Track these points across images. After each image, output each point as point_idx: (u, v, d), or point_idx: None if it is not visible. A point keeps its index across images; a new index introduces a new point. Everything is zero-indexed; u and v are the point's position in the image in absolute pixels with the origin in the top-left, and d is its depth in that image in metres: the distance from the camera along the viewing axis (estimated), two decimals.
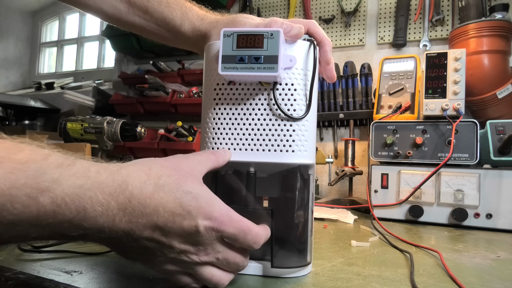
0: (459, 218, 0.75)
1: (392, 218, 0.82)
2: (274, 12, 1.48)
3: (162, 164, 0.33)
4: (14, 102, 1.79)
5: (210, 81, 0.42)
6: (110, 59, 2.17)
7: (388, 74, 1.01)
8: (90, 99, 1.67)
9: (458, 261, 0.50)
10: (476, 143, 0.78)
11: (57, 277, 0.37)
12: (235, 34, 0.38)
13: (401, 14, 1.26)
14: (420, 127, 0.84)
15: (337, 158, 1.32)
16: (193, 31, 0.52)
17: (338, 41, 1.37)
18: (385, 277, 0.41)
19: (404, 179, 0.81)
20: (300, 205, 0.39)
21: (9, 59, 2.37)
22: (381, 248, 0.56)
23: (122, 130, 1.06)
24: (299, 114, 0.39)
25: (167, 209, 0.30)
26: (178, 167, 0.33)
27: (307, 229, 0.40)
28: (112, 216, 0.29)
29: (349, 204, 1.00)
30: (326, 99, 1.30)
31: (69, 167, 0.27)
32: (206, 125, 0.42)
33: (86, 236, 0.29)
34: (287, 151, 0.39)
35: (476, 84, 1.02)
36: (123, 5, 0.54)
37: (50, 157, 0.27)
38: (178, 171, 0.33)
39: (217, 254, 0.33)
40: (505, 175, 0.74)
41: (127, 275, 0.39)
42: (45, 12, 2.46)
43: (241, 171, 0.39)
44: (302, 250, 0.40)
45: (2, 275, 0.38)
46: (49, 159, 0.27)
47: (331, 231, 0.68)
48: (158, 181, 0.31)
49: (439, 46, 1.23)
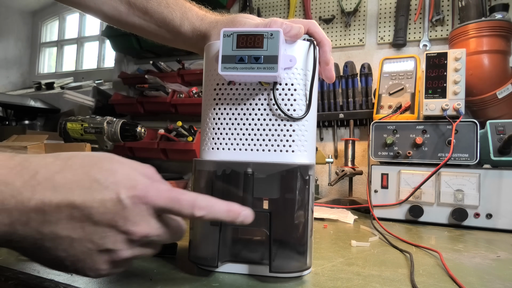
0: (459, 218, 0.75)
1: (392, 218, 0.82)
2: (274, 12, 1.48)
3: (76, 152, 0.30)
4: (14, 102, 1.79)
5: (210, 81, 0.42)
6: (110, 59, 2.17)
7: (388, 74, 1.01)
8: (90, 99, 1.67)
9: (458, 261, 0.50)
10: (476, 143, 0.78)
11: (57, 277, 0.37)
12: (235, 34, 0.38)
13: (401, 14, 1.26)
14: (420, 127, 0.84)
15: (337, 158, 1.32)
16: (193, 31, 0.52)
17: (338, 41, 1.37)
18: (385, 277, 0.41)
19: (404, 179, 0.81)
20: (300, 206, 0.39)
21: (9, 59, 2.37)
22: (381, 248, 0.56)
23: (122, 130, 1.06)
24: (299, 114, 0.39)
25: (81, 185, 0.27)
26: (94, 153, 0.30)
27: (307, 231, 0.40)
28: (19, 195, 0.25)
29: (349, 204, 1.00)
30: (326, 99, 1.30)
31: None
32: (206, 125, 0.41)
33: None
34: (287, 151, 0.39)
35: (476, 84, 1.02)
36: (123, 6, 0.54)
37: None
38: (92, 155, 0.29)
39: (156, 231, 0.29)
40: (505, 175, 0.74)
41: (127, 275, 0.39)
42: (45, 12, 2.46)
43: (238, 171, 0.39)
44: (302, 252, 0.39)
45: (2, 275, 0.38)
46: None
47: (331, 231, 0.68)
48: (67, 162, 0.28)
49: (439, 46, 1.23)
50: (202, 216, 0.30)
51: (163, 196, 0.29)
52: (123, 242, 0.28)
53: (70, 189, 0.27)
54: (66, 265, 0.28)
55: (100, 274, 0.29)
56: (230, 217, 0.31)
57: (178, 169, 1.62)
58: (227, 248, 0.41)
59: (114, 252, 0.28)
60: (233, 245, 0.42)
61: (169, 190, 0.29)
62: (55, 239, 0.27)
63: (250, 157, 0.39)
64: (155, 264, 0.42)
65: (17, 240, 0.27)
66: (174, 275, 0.39)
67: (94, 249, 0.28)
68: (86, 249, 0.28)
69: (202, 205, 0.30)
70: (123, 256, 0.29)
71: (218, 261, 0.38)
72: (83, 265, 0.28)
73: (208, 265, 0.40)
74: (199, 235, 0.41)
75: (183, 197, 0.30)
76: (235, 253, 0.42)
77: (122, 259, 0.29)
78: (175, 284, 0.36)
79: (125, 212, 0.27)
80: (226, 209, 0.31)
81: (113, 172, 0.28)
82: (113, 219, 0.27)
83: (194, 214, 0.30)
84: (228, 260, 0.40)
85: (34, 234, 0.26)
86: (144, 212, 0.28)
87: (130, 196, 0.28)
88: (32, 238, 0.27)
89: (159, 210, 0.29)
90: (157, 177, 0.32)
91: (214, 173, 0.40)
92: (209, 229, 0.39)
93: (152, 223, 0.29)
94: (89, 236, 0.27)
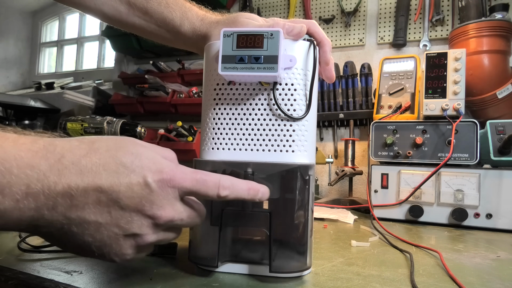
0: (459, 218, 0.75)
1: (392, 218, 0.82)
2: (274, 12, 1.48)
3: (99, 136, 0.30)
4: (14, 102, 1.79)
5: (210, 81, 0.42)
6: (110, 59, 2.17)
7: (388, 74, 1.01)
8: (90, 99, 1.67)
9: (458, 261, 0.50)
10: (476, 143, 0.78)
11: (57, 277, 0.37)
12: (235, 34, 0.38)
13: (401, 14, 1.26)
14: (420, 127, 0.84)
15: (337, 158, 1.32)
16: (193, 31, 0.52)
17: (338, 41, 1.37)
18: (385, 277, 0.41)
19: (404, 179, 0.81)
20: (300, 206, 0.39)
21: (9, 59, 2.37)
22: (381, 248, 0.56)
23: (122, 130, 1.06)
24: (299, 114, 0.39)
25: (108, 169, 0.26)
26: (118, 137, 0.30)
27: (307, 231, 0.40)
28: (45, 179, 0.25)
29: (349, 204, 1.00)
30: (326, 99, 1.30)
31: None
32: (206, 125, 0.41)
33: (21, 213, 0.25)
34: (287, 151, 0.39)
35: (476, 84, 1.02)
36: (123, 7, 0.54)
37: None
38: (116, 138, 0.29)
39: (180, 215, 0.29)
40: (505, 175, 0.74)
41: (127, 275, 0.39)
42: (45, 12, 2.46)
43: (238, 171, 0.39)
44: (302, 252, 0.39)
45: (2, 275, 0.38)
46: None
47: (331, 231, 0.68)
48: (93, 145, 0.28)
49: (439, 46, 1.23)
50: (226, 196, 0.31)
51: (190, 178, 0.29)
52: (149, 227, 0.28)
53: (96, 173, 0.26)
54: (92, 250, 0.28)
55: (125, 259, 0.29)
56: (250, 195, 0.32)
57: None
58: (227, 248, 0.41)
59: (139, 237, 0.28)
60: (233, 245, 0.42)
61: (195, 172, 0.30)
62: (82, 224, 0.27)
63: (250, 157, 0.39)
64: (155, 264, 0.42)
65: (44, 225, 0.26)
66: (174, 275, 0.39)
67: (120, 233, 0.28)
68: (113, 233, 0.28)
69: (226, 185, 0.31)
70: (149, 241, 0.29)
71: (218, 261, 0.38)
72: (109, 250, 0.28)
73: (208, 265, 0.40)
74: (199, 235, 0.41)
75: (209, 178, 0.30)
76: (235, 253, 0.42)
77: (147, 243, 0.29)
78: (175, 284, 0.36)
79: (152, 196, 0.27)
80: (246, 187, 0.32)
81: (138, 155, 0.28)
82: (140, 203, 0.27)
83: (220, 194, 0.30)
84: (228, 260, 0.40)
85: (61, 219, 0.26)
86: (170, 195, 0.28)
87: (157, 179, 0.28)
88: (59, 223, 0.26)
89: (186, 192, 0.29)
90: (176, 162, 0.32)
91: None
92: (209, 229, 0.39)
93: (177, 207, 0.29)
94: (115, 221, 0.27)
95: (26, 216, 0.25)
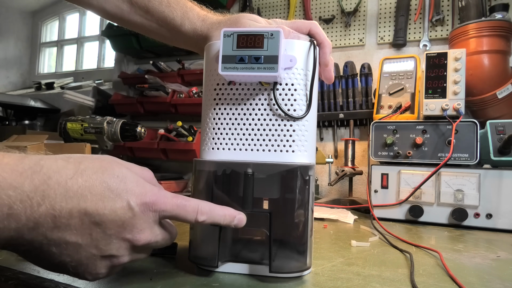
0: (459, 218, 0.75)
1: (392, 218, 0.82)
2: (274, 12, 1.48)
3: (84, 155, 0.30)
4: (14, 102, 1.79)
5: (210, 81, 0.42)
6: (110, 59, 2.17)
7: (388, 74, 1.01)
8: (90, 99, 1.67)
9: (458, 261, 0.50)
10: (476, 143, 0.78)
11: (57, 277, 0.37)
12: (235, 34, 0.38)
13: (401, 14, 1.26)
14: (420, 127, 0.84)
15: (337, 158, 1.32)
16: (194, 31, 0.52)
17: (338, 41, 1.37)
18: (385, 277, 0.41)
19: (404, 179, 0.81)
20: (300, 206, 0.39)
21: (9, 59, 2.37)
22: (381, 248, 0.56)
23: (122, 130, 1.06)
24: (299, 114, 0.39)
25: (94, 192, 0.27)
26: (102, 157, 0.31)
27: (307, 231, 0.40)
28: (28, 201, 0.25)
29: (349, 204, 1.01)
30: (326, 99, 1.30)
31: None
32: (206, 125, 0.41)
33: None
34: (287, 151, 0.39)
35: (476, 84, 1.02)
36: (125, 5, 0.54)
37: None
38: (101, 159, 0.30)
39: (156, 237, 0.30)
40: (505, 175, 0.74)
41: (127, 275, 0.39)
42: (45, 12, 2.46)
43: (239, 171, 0.39)
44: (302, 252, 0.39)
45: (2, 275, 0.38)
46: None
47: (331, 231, 0.68)
48: (79, 166, 0.28)
49: (439, 46, 1.23)
50: (203, 221, 0.32)
51: (170, 203, 0.30)
52: (127, 248, 0.29)
53: (82, 196, 0.27)
54: (68, 269, 0.29)
55: (98, 278, 0.30)
56: (226, 221, 0.34)
57: (178, 169, 1.62)
58: (227, 248, 0.41)
59: (116, 258, 0.29)
60: (233, 245, 0.42)
61: (175, 197, 0.31)
62: (62, 244, 0.27)
63: (250, 157, 0.39)
64: (155, 264, 0.42)
65: (22, 244, 0.26)
66: (174, 275, 0.39)
67: (98, 254, 0.28)
68: (91, 254, 0.28)
69: (204, 211, 0.32)
70: (123, 261, 0.30)
71: (218, 261, 0.38)
72: (84, 269, 0.29)
73: (208, 265, 0.40)
74: (199, 235, 0.41)
75: (188, 203, 0.32)
76: (235, 253, 0.42)
77: (122, 264, 0.30)
78: (175, 284, 0.36)
79: (134, 219, 0.28)
80: (223, 213, 0.34)
81: (123, 179, 0.29)
82: (121, 226, 0.28)
83: (198, 219, 0.32)
84: (228, 260, 0.40)
85: (40, 239, 0.26)
86: (151, 219, 0.30)
87: (140, 203, 0.29)
88: (38, 242, 0.27)
89: (166, 216, 0.30)
90: (155, 181, 0.34)
91: (214, 173, 0.40)
92: (209, 229, 0.39)
93: (155, 230, 0.30)
94: (95, 242, 0.28)
95: (4, 236, 0.25)
